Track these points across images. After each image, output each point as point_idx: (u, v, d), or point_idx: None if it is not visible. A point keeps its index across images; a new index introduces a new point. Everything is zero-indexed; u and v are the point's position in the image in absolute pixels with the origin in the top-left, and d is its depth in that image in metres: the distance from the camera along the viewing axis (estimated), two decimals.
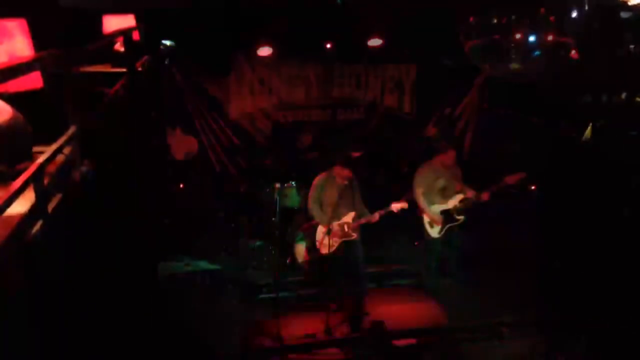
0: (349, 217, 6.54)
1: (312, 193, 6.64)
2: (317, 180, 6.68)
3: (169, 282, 7.33)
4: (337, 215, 6.52)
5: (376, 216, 6.42)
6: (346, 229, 6.54)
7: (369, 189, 7.31)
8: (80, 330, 3.43)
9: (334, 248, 6.56)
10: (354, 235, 6.58)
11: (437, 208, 6.81)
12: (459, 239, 6.90)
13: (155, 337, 5.61)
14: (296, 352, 6.08)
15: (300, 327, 6.39)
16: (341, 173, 6.44)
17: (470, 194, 6.73)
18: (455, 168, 6.85)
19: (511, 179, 6.49)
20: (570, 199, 7.29)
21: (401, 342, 6.22)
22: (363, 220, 6.51)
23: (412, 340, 6.24)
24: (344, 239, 6.58)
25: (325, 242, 6.52)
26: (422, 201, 6.81)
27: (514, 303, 6.74)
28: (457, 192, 6.78)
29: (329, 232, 6.41)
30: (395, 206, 6.37)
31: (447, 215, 6.79)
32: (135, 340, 5.01)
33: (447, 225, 6.80)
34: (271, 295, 6.89)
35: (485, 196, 6.60)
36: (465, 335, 6.35)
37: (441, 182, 6.78)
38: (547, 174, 7.36)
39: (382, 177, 9.30)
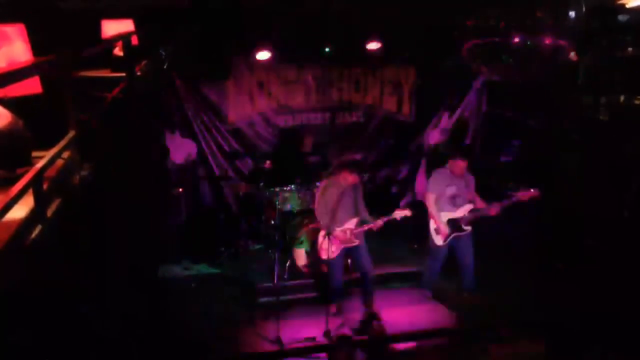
0: (351, 223, 6.47)
1: (318, 197, 6.60)
2: (323, 184, 6.65)
3: (168, 285, 7.33)
4: (339, 221, 6.46)
5: (379, 223, 6.35)
6: (348, 234, 6.48)
7: (368, 192, 7.30)
8: (79, 333, 3.43)
9: (334, 254, 6.54)
10: (357, 242, 6.51)
11: (446, 216, 6.77)
12: (466, 249, 6.86)
13: (155, 340, 5.61)
14: (296, 356, 6.07)
15: (300, 330, 6.38)
16: (348, 177, 6.39)
17: (481, 205, 6.69)
18: (467, 177, 6.77)
19: (524, 196, 6.45)
20: (571, 200, 7.28)
21: (401, 346, 6.23)
22: (365, 227, 6.44)
23: (412, 344, 6.24)
24: (345, 245, 6.55)
25: (326, 247, 6.51)
26: (432, 207, 6.75)
27: (515, 305, 6.75)
28: (468, 202, 6.75)
29: (328, 235, 6.40)
30: (399, 213, 6.32)
31: (454, 224, 6.77)
32: (135, 342, 5.02)
33: (453, 235, 6.77)
34: (271, 298, 6.88)
35: (494, 210, 6.56)
36: (466, 337, 6.34)
37: (452, 190, 6.72)
38: (547, 175, 7.36)
39: (381, 181, 9.33)
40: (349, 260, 7.10)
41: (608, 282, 6.41)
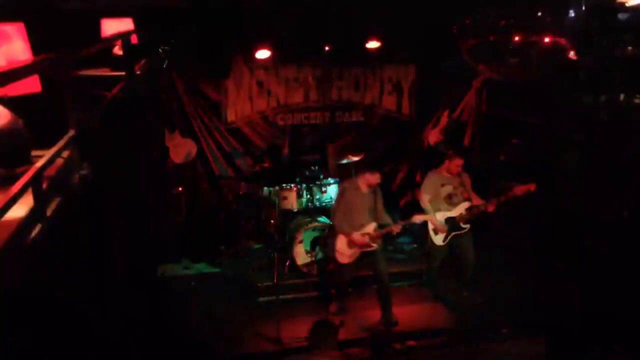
0: (370, 228, 6.40)
1: (337, 200, 6.55)
2: (342, 187, 6.59)
3: (168, 285, 7.32)
4: (358, 224, 6.40)
5: (398, 227, 6.31)
6: (367, 239, 6.40)
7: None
8: (79, 333, 3.42)
9: (353, 258, 6.49)
10: (374, 246, 6.45)
11: (443, 215, 6.75)
12: (466, 248, 6.84)
13: (155, 340, 5.60)
14: (296, 355, 6.06)
15: (300, 330, 6.36)
16: (369, 179, 6.33)
17: (477, 202, 6.68)
18: (463, 175, 6.77)
19: (520, 190, 6.42)
20: (571, 200, 7.27)
21: (400, 345, 6.21)
22: (384, 231, 6.38)
23: (412, 343, 6.23)
24: (363, 249, 6.48)
25: (344, 251, 6.46)
26: (428, 208, 6.72)
27: (515, 304, 6.76)
28: (465, 200, 6.73)
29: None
30: (418, 218, 6.32)
31: (452, 223, 6.74)
32: (134, 342, 5.01)
33: (452, 234, 6.75)
34: (271, 298, 6.88)
35: (491, 207, 6.53)
36: (466, 337, 6.33)
37: (447, 189, 6.70)
38: (547, 175, 7.34)
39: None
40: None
41: (608, 282, 6.41)
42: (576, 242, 7.05)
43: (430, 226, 6.79)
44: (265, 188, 8.03)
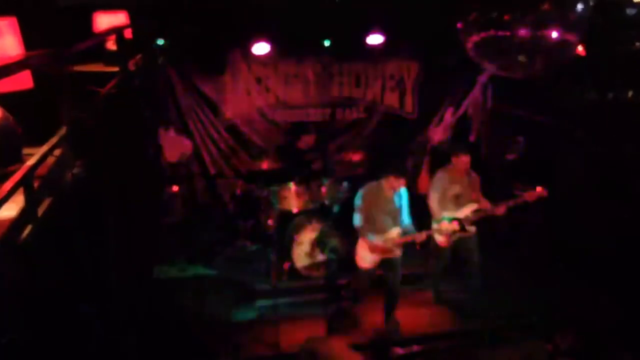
0: (394, 233, 6.16)
1: (359, 202, 6.24)
2: (365, 189, 6.28)
3: (163, 287, 7.20)
4: (381, 229, 6.17)
5: (422, 236, 6.12)
6: (390, 245, 6.17)
7: None
8: (75, 333, 3.36)
9: (373, 264, 6.26)
10: (397, 253, 6.24)
11: (449, 216, 6.60)
12: (471, 249, 6.70)
13: (151, 343, 5.52)
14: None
15: (299, 334, 6.24)
16: (394, 184, 6.06)
17: (485, 205, 6.53)
18: (471, 176, 6.63)
19: (531, 196, 6.30)
20: (572, 199, 7.22)
21: (403, 350, 6.13)
22: (409, 238, 6.15)
23: (415, 347, 6.15)
24: (385, 256, 6.26)
25: (365, 256, 6.26)
26: (436, 207, 6.53)
27: (517, 305, 6.74)
28: (472, 202, 6.60)
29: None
30: (447, 227, 6.23)
31: (458, 224, 6.60)
32: (130, 345, 4.93)
33: (457, 235, 6.61)
34: (269, 301, 6.77)
35: (500, 210, 6.40)
36: (469, 341, 6.26)
37: (455, 189, 6.56)
38: (550, 173, 7.29)
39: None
40: None
41: (608, 282, 6.40)
42: (577, 243, 7.00)
43: (435, 226, 6.60)
44: (263, 187, 7.91)
